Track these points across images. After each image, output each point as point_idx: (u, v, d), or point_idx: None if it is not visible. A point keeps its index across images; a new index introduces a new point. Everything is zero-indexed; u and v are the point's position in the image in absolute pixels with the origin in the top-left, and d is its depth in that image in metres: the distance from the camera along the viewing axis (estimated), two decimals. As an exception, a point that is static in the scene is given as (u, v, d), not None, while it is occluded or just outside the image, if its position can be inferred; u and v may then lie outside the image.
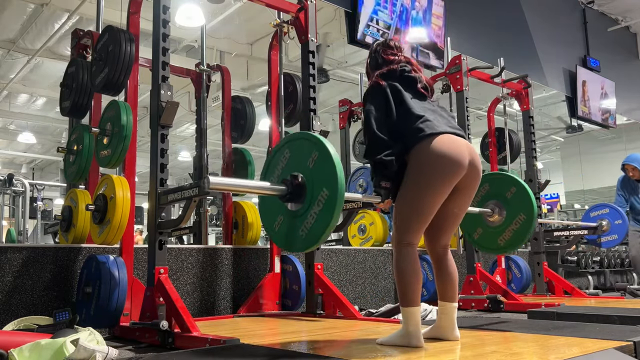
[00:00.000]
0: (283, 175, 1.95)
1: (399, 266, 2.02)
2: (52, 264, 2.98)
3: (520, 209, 2.69)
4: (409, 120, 2.07)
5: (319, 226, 1.81)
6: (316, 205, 1.81)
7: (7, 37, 7.92)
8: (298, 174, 1.91)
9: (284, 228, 1.95)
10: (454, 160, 2.01)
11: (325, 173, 1.80)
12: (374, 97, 2.15)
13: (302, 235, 1.85)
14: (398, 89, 2.14)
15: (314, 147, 1.87)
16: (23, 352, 1.95)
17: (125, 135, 2.87)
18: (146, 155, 2.84)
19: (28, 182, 8.07)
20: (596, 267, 6.48)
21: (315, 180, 1.85)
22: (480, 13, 6.51)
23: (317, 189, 1.83)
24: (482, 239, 2.83)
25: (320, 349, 2.08)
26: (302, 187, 1.88)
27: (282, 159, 1.99)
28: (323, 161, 1.83)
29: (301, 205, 1.87)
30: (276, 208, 1.95)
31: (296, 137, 2.01)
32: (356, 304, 4.11)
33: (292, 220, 1.91)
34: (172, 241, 5.25)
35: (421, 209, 2.02)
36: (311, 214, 1.83)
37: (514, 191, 2.70)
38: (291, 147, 1.98)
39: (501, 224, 2.75)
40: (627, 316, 2.82)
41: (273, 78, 3.82)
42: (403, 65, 2.23)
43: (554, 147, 13.97)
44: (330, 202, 1.77)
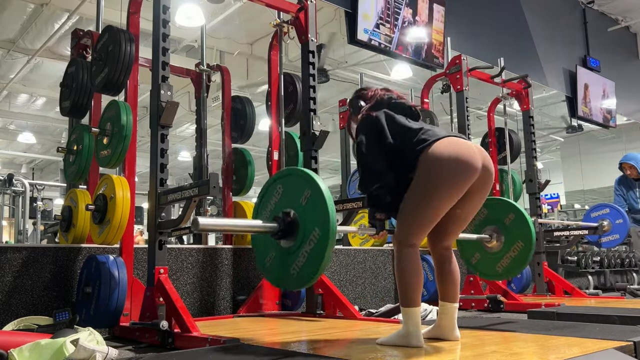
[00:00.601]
0: (275, 211, 1.91)
1: (400, 266, 2.02)
2: (52, 264, 2.98)
3: (518, 236, 2.64)
4: (408, 136, 2.04)
5: (310, 266, 1.78)
6: (308, 244, 1.79)
7: (7, 37, 7.92)
8: (290, 210, 1.87)
9: (276, 265, 1.91)
10: (467, 164, 1.96)
11: (318, 213, 1.77)
12: (365, 127, 2.12)
13: (294, 274, 1.82)
14: (390, 114, 2.13)
15: (306, 185, 1.83)
16: (23, 352, 1.95)
17: (125, 135, 2.87)
18: (146, 155, 2.84)
19: (28, 182, 8.08)
20: (596, 267, 6.48)
21: (307, 219, 1.81)
22: (480, 13, 6.51)
23: (309, 228, 1.80)
24: (480, 264, 2.79)
25: (320, 349, 2.08)
26: (294, 224, 1.85)
27: (275, 194, 1.95)
28: (315, 200, 1.79)
29: (293, 243, 1.84)
30: (268, 243, 1.92)
31: (289, 173, 1.97)
32: (356, 304, 4.11)
33: (283, 257, 1.88)
34: (172, 241, 5.25)
35: (428, 213, 1.99)
36: (302, 252, 1.80)
37: (512, 217, 2.65)
38: (284, 183, 1.93)
39: (499, 251, 2.70)
40: (627, 316, 2.82)
41: (273, 78, 3.82)
42: (388, 94, 2.22)
43: (554, 147, 13.98)
44: (322, 242, 1.74)
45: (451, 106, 5.17)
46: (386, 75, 8.48)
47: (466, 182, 1.98)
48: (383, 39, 5.27)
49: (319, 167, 3.45)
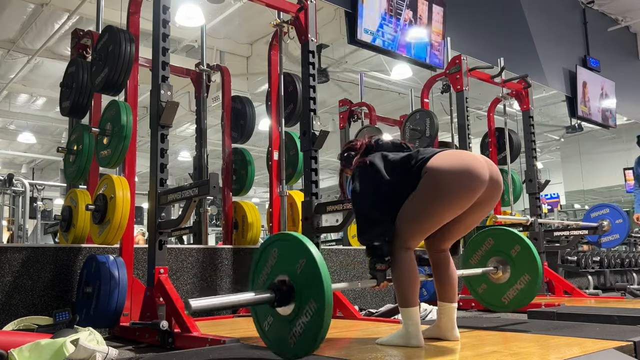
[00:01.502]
0: (271, 277, 1.86)
1: (396, 269, 2.01)
2: (52, 264, 2.98)
3: (525, 269, 2.56)
4: (407, 160, 2.02)
5: (307, 338, 1.74)
6: (304, 316, 1.74)
7: (7, 37, 7.92)
8: (286, 277, 1.81)
9: (274, 331, 1.87)
10: (473, 176, 1.93)
11: (313, 283, 1.71)
12: (360, 174, 2.09)
13: (291, 344, 1.78)
14: (382, 154, 2.11)
15: (302, 254, 1.76)
16: (23, 352, 1.95)
17: (125, 135, 2.87)
18: (146, 155, 2.84)
19: (28, 182, 8.07)
20: (596, 267, 6.48)
21: (303, 288, 1.76)
22: (480, 13, 6.51)
23: (305, 299, 1.74)
24: (486, 295, 2.72)
25: (320, 349, 2.07)
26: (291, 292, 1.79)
27: (271, 259, 1.89)
28: (310, 271, 1.73)
29: (290, 311, 1.79)
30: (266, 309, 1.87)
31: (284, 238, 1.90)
32: (356, 304, 4.11)
33: (281, 323, 1.83)
34: (172, 241, 5.26)
35: (431, 221, 1.98)
36: (299, 323, 1.75)
37: (519, 250, 2.58)
38: (279, 247, 1.87)
39: (505, 282, 2.62)
40: (627, 316, 2.82)
41: (273, 78, 3.82)
42: (375, 138, 2.20)
43: (554, 147, 13.98)
44: (319, 315, 1.69)
45: (451, 106, 5.17)
46: (386, 75, 8.48)
47: (473, 195, 1.95)
48: (386, 40, 5.28)
49: (319, 167, 3.45)
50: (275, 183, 3.71)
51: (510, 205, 5.12)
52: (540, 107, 10.15)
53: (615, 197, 13.75)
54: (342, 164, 2.33)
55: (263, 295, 1.82)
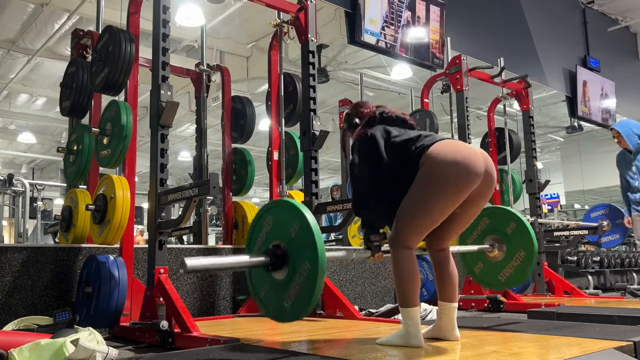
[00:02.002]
0: (266, 243, 1.90)
1: (396, 268, 2.01)
2: (52, 264, 2.98)
3: (520, 245, 2.61)
4: (408, 144, 2.03)
5: (302, 300, 1.78)
6: (298, 278, 1.78)
7: (7, 37, 7.92)
8: (280, 242, 1.86)
9: (271, 297, 1.91)
10: (470, 169, 1.93)
11: (307, 246, 1.76)
12: (360, 148, 2.11)
13: (287, 307, 1.82)
14: (386, 129, 2.11)
15: (295, 218, 1.81)
16: (23, 352, 1.95)
17: (125, 135, 2.87)
18: (146, 155, 2.84)
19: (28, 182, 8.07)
20: (596, 267, 6.48)
21: (297, 252, 1.81)
22: (480, 13, 6.51)
23: (299, 261, 1.79)
24: (483, 274, 2.76)
25: (320, 349, 2.08)
26: (285, 256, 1.84)
27: (266, 226, 1.94)
28: (304, 233, 1.78)
29: (284, 275, 1.84)
30: (262, 276, 1.92)
31: (278, 205, 1.96)
32: (356, 304, 4.11)
33: (277, 289, 1.87)
34: (172, 241, 5.26)
35: (427, 218, 1.98)
36: (294, 286, 1.80)
37: (514, 227, 2.61)
38: (274, 214, 1.92)
39: (502, 260, 2.67)
40: (627, 316, 2.82)
41: (273, 78, 3.82)
42: (380, 110, 2.21)
43: (554, 147, 13.98)
44: (312, 276, 1.73)
45: (451, 106, 5.17)
46: (386, 75, 8.48)
47: (468, 187, 1.96)
48: (386, 40, 5.28)
49: (319, 167, 3.45)
50: (275, 183, 3.70)
51: (510, 205, 5.12)
52: (540, 107, 10.15)
53: (615, 197, 13.72)
54: (345, 125, 2.34)
55: (258, 259, 1.87)
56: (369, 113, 2.22)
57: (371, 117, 2.19)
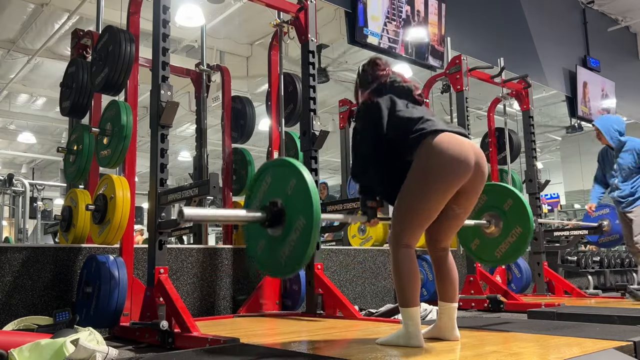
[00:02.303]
0: (264, 201, 1.95)
1: (396, 268, 2.01)
2: (52, 264, 2.98)
3: (516, 221, 2.64)
4: (408, 124, 2.04)
5: (296, 254, 1.83)
6: (294, 233, 1.83)
7: (7, 37, 7.92)
8: (277, 200, 1.91)
9: (266, 253, 1.95)
10: (460, 162, 1.95)
11: (302, 201, 1.81)
12: (364, 114, 2.13)
13: (282, 262, 1.87)
14: (392, 100, 2.12)
15: (292, 175, 1.87)
16: (23, 352, 1.95)
17: (125, 135, 2.87)
18: (146, 155, 2.84)
19: (28, 182, 8.08)
20: (596, 267, 6.48)
21: (293, 208, 1.86)
22: (480, 13, 6.51)
23: (294, 217, 1.84)
24: (479, 250, 2.79)
25: (320, 349, 2.08)
26: (281, 213, 1.89)
27: (264, 184, 1.99)
28: (300, 189, 1.83)
29: (281, 232, 1.89)
30: (258, 232, 1.97)
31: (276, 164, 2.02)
32: (356, 304, 4.11)
33: (272, 245, 1.92)
34: (172, 241, 5.26)
35: (422, 212, 1.99)
36: (289, 241, 1.84)
37: (511, 203, 2.65)
38: (272, 173, 1.98)
39: (498, 236, 2.70)
40: (627, 316, 2.82)
41: (273, 78, 3.82)
42: (392, 77, 2.21)
43: (554, 147, 13.97)
44: (307, 231, 1.78)
45: (451, 106, 5.17)
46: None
47: (459, 181, 1.98)
48: (386, 40, 5.28)
49: (319, 167, 3.45)
50: (275, 183, 3.70)
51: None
52: (540, 107, 10.15)
53: (615, 197, 13.72)
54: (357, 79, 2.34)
55: (255, 214, 1.92)
56: (383, 76, 2.21)
57: (379, 86, 2.19)
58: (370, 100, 2.14)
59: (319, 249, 3.33)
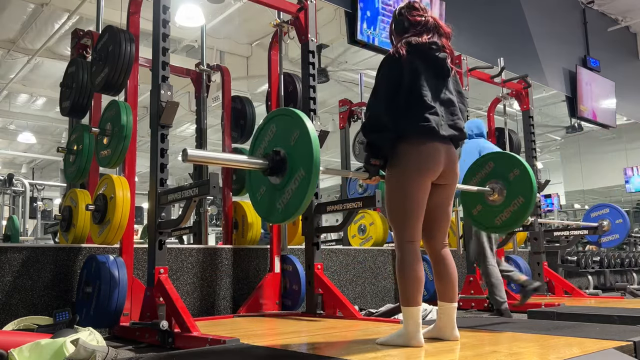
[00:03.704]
0: (268, 149, 2.03)
1: (401, 266, 2.03)
2: (52, 264, 2.98)
3: (520, 191, 2.69)
4: (418, 105, 2.05)
5: (294, 202, 1.91)
6: (293, 183, 1.91)
7: (7, 37, 7.91)
8: (280, 149, 1.98)
9: (265, 199, 2.04)
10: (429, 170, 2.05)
11: (304, 153, 1.88)
12: (391, 68, 2.08)
13: (280, 208, 1.95)
14: (417, 71, 2.07)
15: (296, 126, 1.93)
16: (23, 352, 1.95)
17: (125, 135, 2.87)
18: (146, 155, 2.84)
19: (28, 182, 8.08)
20: (596, 267, 6.48)
21: (295, 158, 1.93)
22: (480, 13, 6.50)
23: (295, 168, 1.92)
24: (480, 216, 2.85)
25: (320, 349, 2.08)
26: (283, 162, 1.96)
27: (269, 133, 2.06)
28: (303, 141, 1.90)
29: (281, 180, 1.96)
30: (260, 179, 2.05)
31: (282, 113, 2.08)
32: (356, 304, 4.11)
33: (272, 192, 2.00)
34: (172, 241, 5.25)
35: (410, 204, 2.04)
36: (288, 190, 1.93)
37: (517, 173, 2.70)
38: (277, 122, 2.05)
39: (500, 204, 2.76)
40: (627, 316, 2.82)
41: (273, 78, 3.82)
42: (431, 38, 2.13)
43: (554, 147, 13.97)
44: (305, 181, 1.86)
45: (451, 106, 5.15)
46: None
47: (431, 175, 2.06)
48: (386, 39, 5.27)
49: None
50: (275, 183, 3.70)
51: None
52: (540, 107, 10.15)
53: (615, 197, 13.74)
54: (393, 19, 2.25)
55: (258, 160, 2.00)
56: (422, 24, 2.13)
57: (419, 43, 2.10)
58: (398, 52, 2.08)
59: (319, 249, 3.33)
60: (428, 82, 2.09)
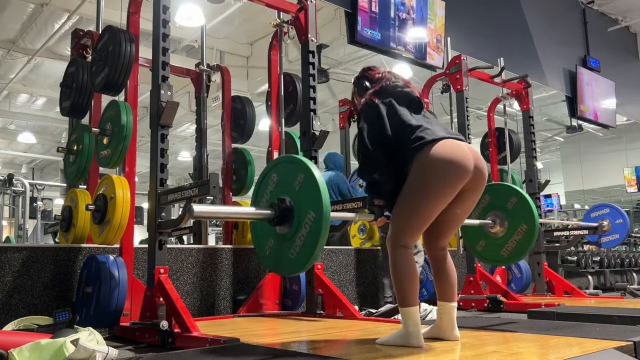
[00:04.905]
0: (271, 199, 1.94)
1: (394, 268, 2.02)
2: (52, 264, 2.98)
3: (521, 219, 2.65)
4: (406, 131, 2.04)
5: (307, 249, 1.81)
6: (304, 228, 1.81)
7: (7, 37, 7.92)
8: (285, 197, 1.90)
9: (275, 251, 1.94)
10: (459, 165, 1.97)
11: (311, 196, 1.80)
12: (367, 114, 2.12)
13: (292, 259, 1.85)
14: (392, 104, 2.11)
15: (299, 170, 1.86)
16: (23, 352, 1.95)
17: (125, 135, 2.87)
18: (146, 155, 2.84)
19: (28, 182, 8.08)
20: (596, 267, 6.48)
21: (302, 203, 1.85)
22: (480, 13, 6.51)
23: (304, 212, 1.83)
24: (486, 251, 2.80)
25: (320, 349, 2.08)
26: (290, 210, 1.88)
27: (271, 183, 1.98)
28: (308, 184, 1.82)
29: (289, 229, 1.87)
30: (266, 231, 1.95)
31: (282, 160, 2.01)
32: (356, 304, 4.11)
33: (281, 243, 1.91)
34: (172, 241, 5.26)
35: (422, 214, 2.00)
36: (299, 236, 1.83)
37: (515, 202, 2.66)
38: (278, 171, 1.97)
39: (504, 235, 2.70)
40: (627, 316, 2.82)
41: (273, 78, 3.82)
42: (394, 81, 2.21)
43: (554, 147, 13.97)
44: (317, 224, 1.76)
45: (451, 106, 5.16)
46: (386, 75, 8.46)
47: (459, 183, 1.99)
48: (386, 39, 5.27)
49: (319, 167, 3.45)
50: (275, 183, 3.70)
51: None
52: (540, 107, 10.15)
53: (615, 197, 13.75)
54: (354, 89, 2.34)
55: (263, 211, 1.91)
56: (381, 79, 2.21)
57: (382, 87, 2.18)
58: (372, 99, 2.14)
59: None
60: (407, 112, 2.12)
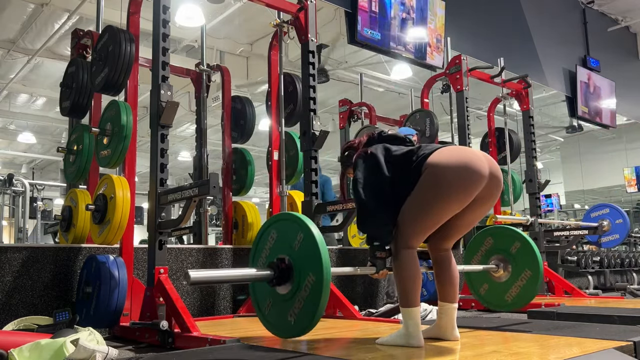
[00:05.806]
0: (270, 258, 1.88)
1: (399, 269, 2.01)
2: (52, 264, 2.98)
3: (525, 264, 2.58)
4: (408, 155, 2.04)
5: (307, 312, 1.75)
6: (303, 291, 1.76)
7: (7, 37, 7.92)
8: (284, 256, 1.84)
9: (274, 312, 1.89)
10: (474, 171, 1.94)
11: (311, 257, 1.74)
12: (361, 164, 2.09)
13: (291, 321, 1.80)
14: (384, 146, 2.11)
15: (298, 229, 1.80)
16: (23, 352, 1.95)
17: (125, 135, 2.87)
18: (146, 155, 2.84)
19: (28, 182, 8.08)
20: (596, 267, 6.48)
21: (301, 264, 1.79)
22: (480, 13, 6.51)
23: (303, 273, 1.77)
24: (489, 295, 2.73)
25: (320, 349, 2.08)
26: (289, 270, 1.82)
27: (270, 240, 1.92)
28: (308, 244, 1.76)
29: (289, 289, 1.81)
30: (265, 291, 1.90)
31: (281, 218, 1.95)
32: (356, 304, 4.11)
33: (280, 304, 1.85)
34: (172, 241, 5.26)
35: (431, 219, 1.98)
36: (299, 299, 1.78)
37: (519, 246, 2.60)
38: (277, 228, 1.91)
39: (507, 280, 2.64)
40: (627, 316, 2.82)
41: (273, 78, 3.82)
42: (377, 131, 2.23)
43: (554, 147, 13.98)
44: (317, 287, 1.70)
45: (451, 106, 5.17)
46: (386, 75, 8.48)
47: (473, 190, 1.96)
48: (385, 39, 5.27)
49: (319, 167, 3.45)
50: (275, 183, 3.71)
51: (510, 205, 5.13)
52: (540, 107, 10.15)
53: (615, 197, 13.75)
54: (343, 165, 2.33)
55: (262, 272, 1.84)
56: (361, 139, 2.23)
57: (369, 138, 2.19)
58: (365, 151, 2.12)
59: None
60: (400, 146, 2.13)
